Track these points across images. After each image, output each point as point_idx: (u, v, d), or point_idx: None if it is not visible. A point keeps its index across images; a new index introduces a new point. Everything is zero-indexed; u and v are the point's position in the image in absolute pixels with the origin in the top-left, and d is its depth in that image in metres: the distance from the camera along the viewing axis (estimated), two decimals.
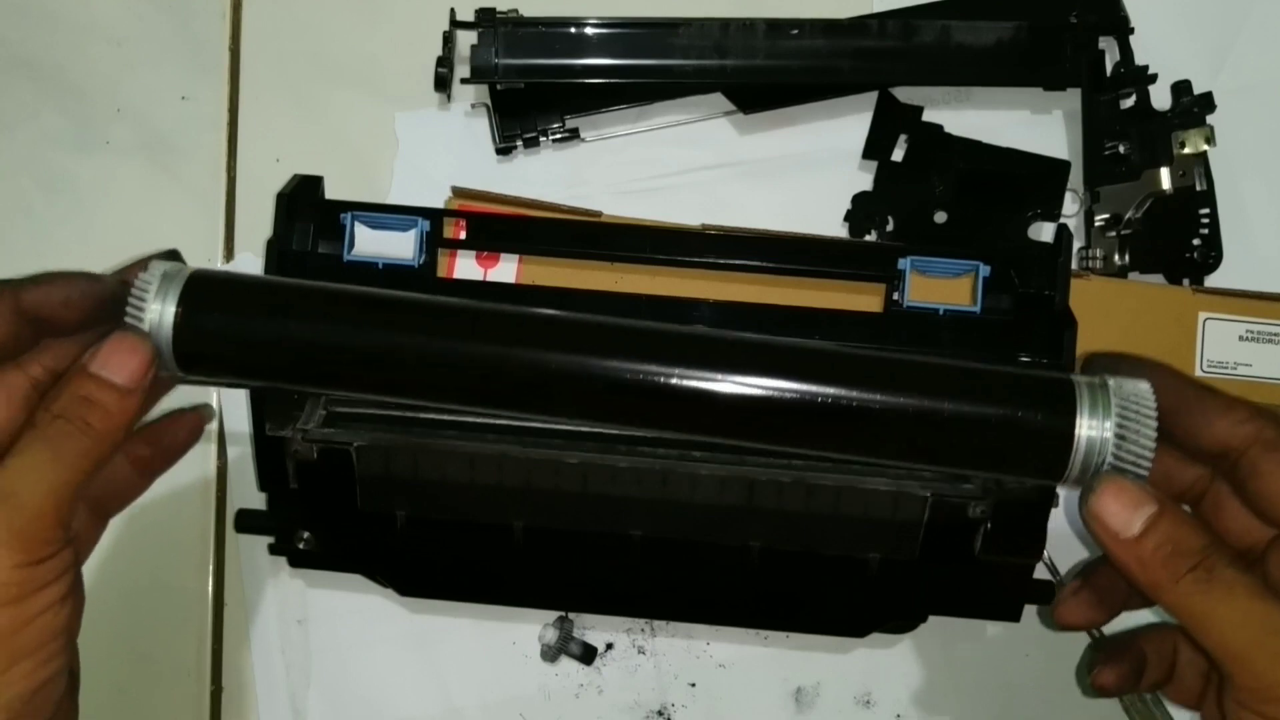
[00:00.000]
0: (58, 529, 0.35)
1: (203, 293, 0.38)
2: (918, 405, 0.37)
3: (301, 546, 0.52)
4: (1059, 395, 0.37)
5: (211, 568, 0.59)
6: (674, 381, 0.37)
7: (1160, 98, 0.56)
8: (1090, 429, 0.36)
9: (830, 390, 0.37)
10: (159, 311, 0.37)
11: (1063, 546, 0.54)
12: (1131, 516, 0.35)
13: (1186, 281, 0.56)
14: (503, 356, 0.38)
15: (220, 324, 0.37)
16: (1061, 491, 0.47)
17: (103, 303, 0.39)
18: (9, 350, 0.38)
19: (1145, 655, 0.43)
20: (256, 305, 0.38)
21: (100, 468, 0.36)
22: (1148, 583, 0.35)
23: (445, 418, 0.50)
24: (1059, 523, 0.48)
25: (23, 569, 0.34)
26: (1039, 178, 0.57)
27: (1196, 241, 0.55)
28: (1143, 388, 0.37)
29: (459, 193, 0.57)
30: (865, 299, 0.53)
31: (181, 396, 0.58)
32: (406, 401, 0.46)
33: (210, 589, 0.59)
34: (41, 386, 0.38)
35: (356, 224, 0.51)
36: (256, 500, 0.55)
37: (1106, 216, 0.56)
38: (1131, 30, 0.57)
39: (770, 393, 0.37)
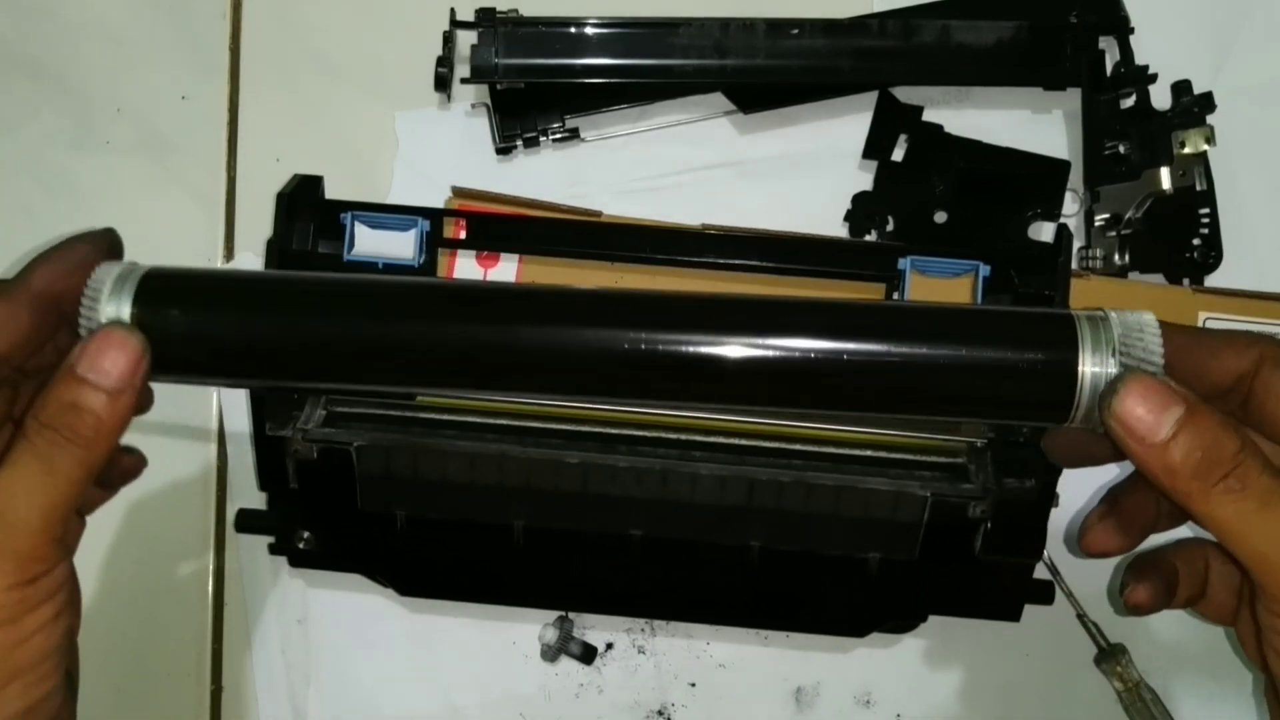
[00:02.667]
0: (51, 546, 0.34)
1: (158, 292, 0.36)
2: (909, 352, 0.35)
3: (301, 546, 0.52)
4: (1058, 330, 0.34)
5: (211, 568, 0.59)
6: (673, 349, 0.35)
7: (1160, 97, 0.56)
8: (1094, 364, 0.34)
9: (820, 344, 0.35)
10: (114, 314, 0.35)
11: (1063, 546, 0.54)
12: (1160, 419, 0.32)
13: (1186, 281, 0.56)
14: (477, 335, 0.36)
15: (179, 323, 0.35)
16: (1062, 492, 0.47)
17: (108, 255, 0.38)
18: (38, 341, 0.37)
19: (1177, 571, 0.40)
20: (214, 301, 0.36)
21: (95, 476, 0.34)
22: (1177, 492, 0.32)
23: (445, 418, 0.50)
24: (1059, 523, 0.48)
25: (16, 589, 0.33)
26: (1039, 177, 0.57)
27: (1196, 241, 0.55)
28: (1146, 317, 0.34)
29: (459, 193, 0.57)
30: (866, 299, 0.53)
31: (180, 397, 0.58)
32: (384, 389, 0.45)
33: (210, 589, 0.59)
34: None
35: (356, 224, 0.51)
36: (256, 500, 0.55)
37: (1106, 216, 0.56)
38: (1132, 30, 0.57)
39: (759, 351, 0.35)
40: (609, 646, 0.57)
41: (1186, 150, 0.55)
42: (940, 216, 0.57)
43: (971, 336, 0.35)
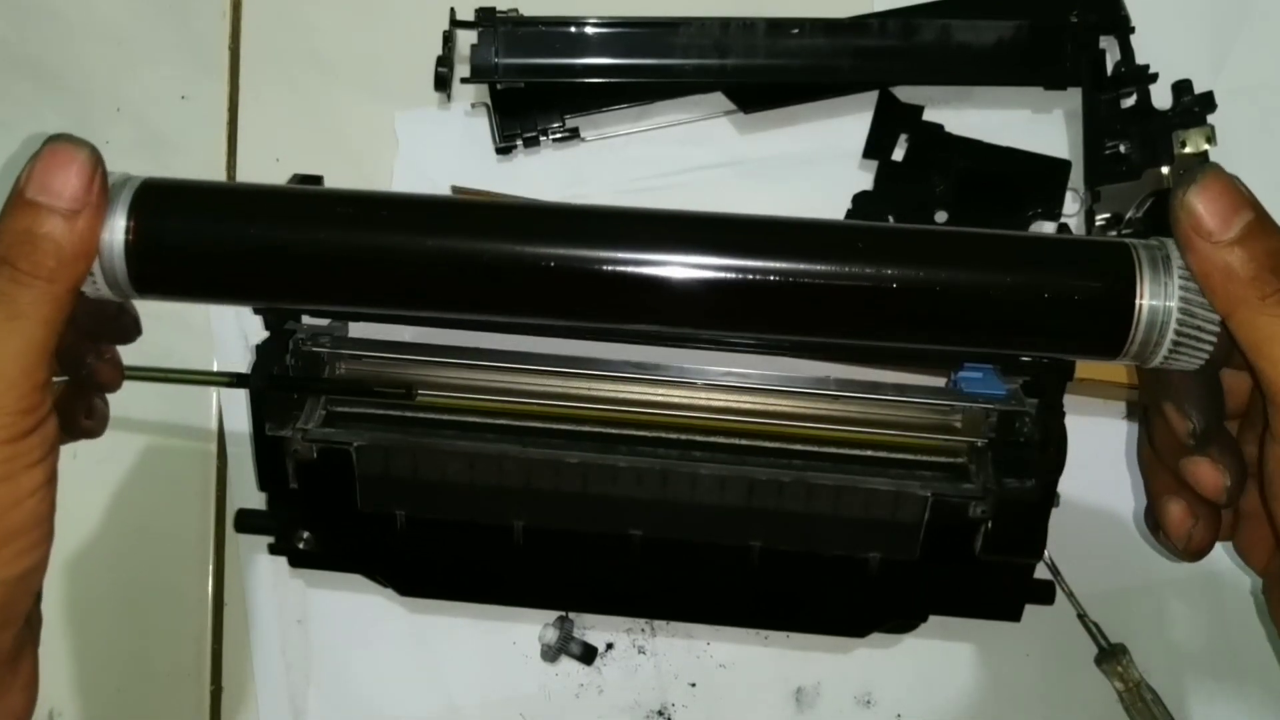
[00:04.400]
0: (34, 394, 0.31)
1: (155, 202, 0.33)
2: (956, 277, 0.34)
3: (301, 546, 0.52)
4: (1116, 259, 0.33)
5: (211, 568, 0.59)
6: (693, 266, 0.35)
7: (1161, 97, 0.56)
8: (1152, 298, 0.33)
9: (867, 269, 0.34)
10: (108, 226, 0.33)
11: (1063, 546, 0.54)
12: (1231, 219, 0.32)
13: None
14: (472, 248, 0.34)
15: (176, 233, 0.33)
16: (1062, 492, 0.47)
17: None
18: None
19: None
20: (213, 210, 0.34)
21: (66, 311, 0.32)
22: (1226, 295, 0.32)
23: (445, 418, 0.50)
24: (1059, 523, 0.48)
25: (6, 445, 0.31)
26: (1039, 177, 0.57)
27: None
28: None
29: (459, 192, 0.57)
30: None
31: (180, 397, 0.58)
32: (370, 311, 0.43)
33: (210, 589, 0.59)
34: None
35: None
36: (256, 500, 0.55)
37: (1107, 216, 0.56)
38: (1132, 29, 0.57)
39: (804, 273, 0.34)
40: (609, 647, 0.57)
41: (1187, 150, 0.55)
42: (941, 216, 0.56)
43: (1022, 264, 0.34)
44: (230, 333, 0.58)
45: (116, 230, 0.32)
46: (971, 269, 0.34)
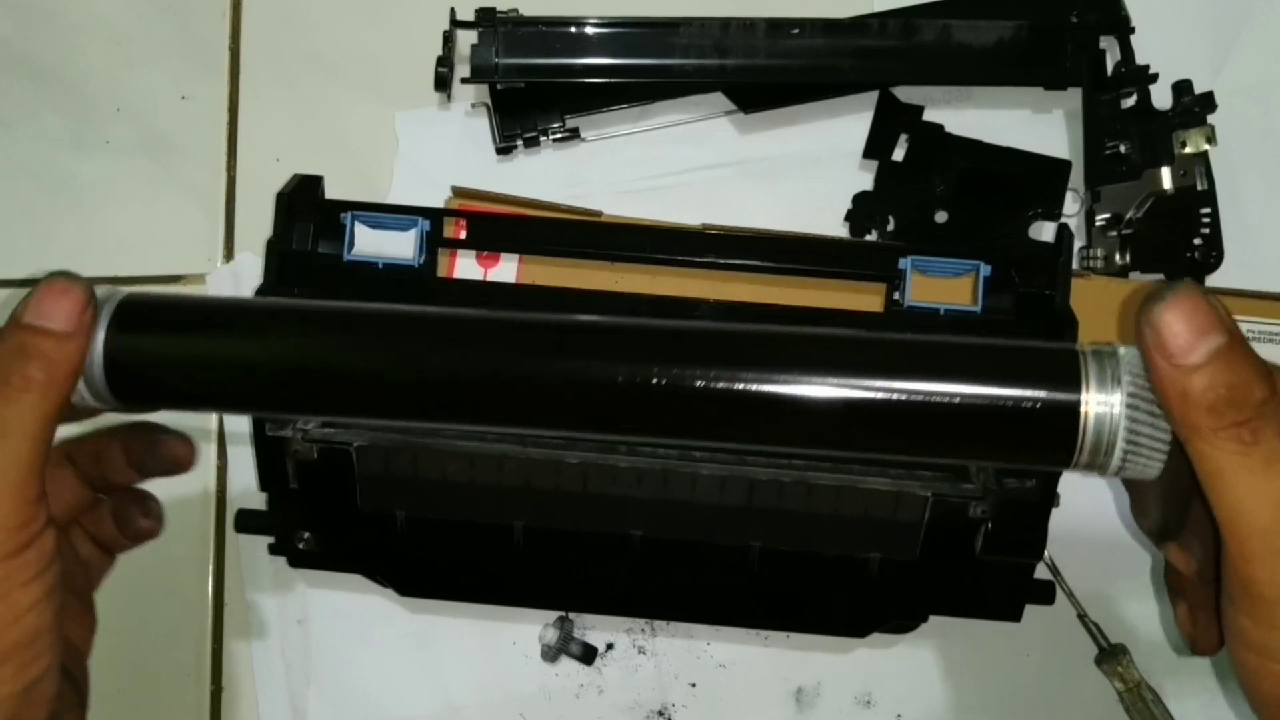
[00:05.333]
0: (25, 510, 0.32)
1: (131, 319, 0.35)
2: (891, 389, 0.32)
3: (301, 546, 0.52)
4: (1062, 368, 0.32)
5: (211, 568, 0.59)
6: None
7: (1161, 97, 0.56)
8: (1099, 407, 0.31)
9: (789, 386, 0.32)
10: (91, 342, 0.34)
11: (1063, 546, 0.54)
12: (1196, 341, 0.30)
13: (1187, 281, 0.55)
14: (457, 365, 0.34)
15: (147, 350, 0.35)
16: (1062, 492, 0.47)
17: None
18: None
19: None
20: (189, 325, 0.35)
21: (53, 429, 0.33)
22: (1184, 423, 0.30)
23: None
24: (1059, 523, 0.48)
25: (1, 563, 0.31)
26: (1040, 177, 0.57)
27: (1197, 241, 0.55)
28: None
29: (459, 192, 0.57)
30: (866, 299, 0.52)
31: None
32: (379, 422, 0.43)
33: (210, 589, 0.58)
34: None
35: (357, 224, 0.51)
36: (256, 500, 0.55)
37: (1107, 216, 0.56)
38: (1132, 30, 0.57)
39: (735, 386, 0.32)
40: (609, 647, 0.57)
41: (1187, 150, 0.55)
42: (941, 216, 0.56)
43: (965, 374, 0.32)
44: None
45: (97, 346, 0.34)
46: (910, 379, 0.32)
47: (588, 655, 0.56)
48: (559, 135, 0.58)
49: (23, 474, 0.32)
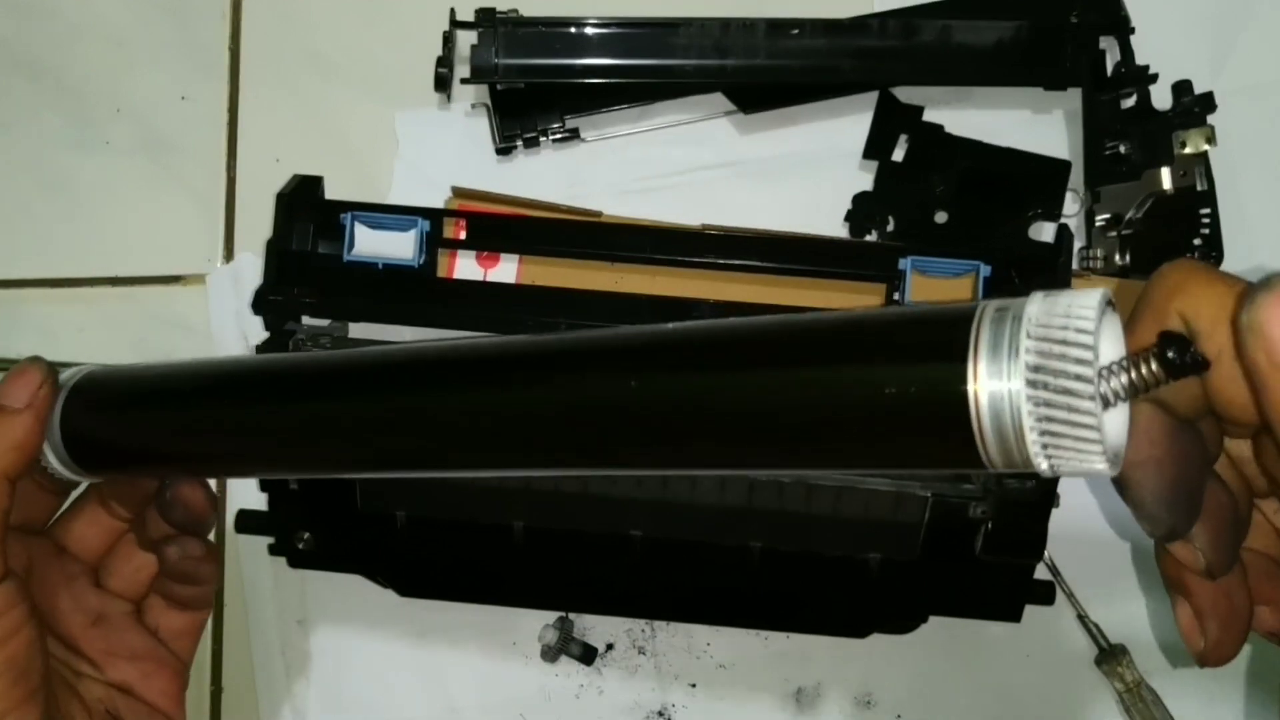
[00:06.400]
0: None
1: (86, 389, 0.37)
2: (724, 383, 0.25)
3: (301, 547, 0.52)
4: (946, 337, 0.23)
5: None
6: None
7: (1161, 97, 0.56)
8: (991, 382, 0.22)
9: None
10: (52, 418, 0.37)
11: (1064, 547, 0.54)
12: None
13: None
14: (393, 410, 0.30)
15: (98, 418, 0.36)
16: (1062, 492, 0.47)
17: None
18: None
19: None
20: (131, 395, 0.36)
21: (7, 490, 0.35)
22: None
23: None
24: (1059, 523, 0.48)
25: None
26: (1039, 178, 0.57)
27: (1197, 241, 0.55)
28: (1078, 304, 0.22)
29: (459, 193, 0.57)
30: (866, 299, 0.52)
31: None
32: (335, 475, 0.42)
33: None
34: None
35: (356, 224, 0.51)
36: (257, 500, 0.55)
37: (1107, 216, 0.56)
38: (1132, 30, 0.57)
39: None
40: (609, 647, 0.57)
41: (1187, 150, 0.55)
42: (941, 216, 0.56)
43: (817, 357, 0.24)
44: (230, 334, 0.58)
45: (55, 420, 0.36)
46: (751, 369, 0.25)
47: (587, 655, 0.56)
48: (559, 135, 0.58)
49: None
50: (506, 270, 0.56)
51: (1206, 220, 0.55)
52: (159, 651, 0.40)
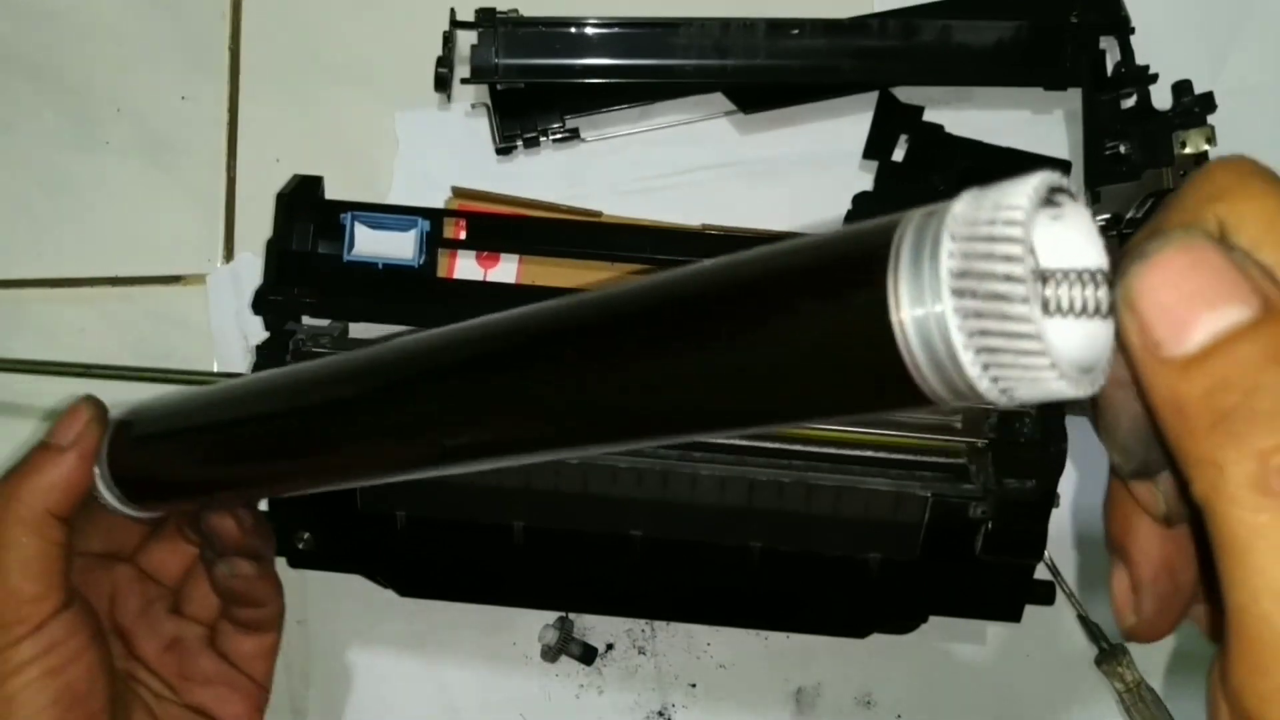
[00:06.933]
0: (28, 606, 0.36)
1: (125, 426, 0.38)
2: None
3: (301, 547, 0.52)
4: (865, 256, 0.20)
5: None
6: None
7: (1161, 97, 0.56)
8: (914, 305, 0.19)
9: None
10: (100, 457, 0.38)
11: (1064, 547, 0.54)
12: (1193, 318, 0.18)
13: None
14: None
15: (131, 455, 0.37)
16: (1063, 492, 0.47)
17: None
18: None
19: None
20: (156, 429, 0.37)
21: (56, 523, 0.36)
22: (1180, 452, 0.19)
23: None
24: (1059, 523, 0.48)
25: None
26: None
27: None
28: (1014, 189, 0.20)
29: (459, 193, 0.57)
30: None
31: None
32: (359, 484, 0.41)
33: None
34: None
35: (356, 224, 0.51)
36: None
37: (1107, 216, 0.56)
38: (1132, 30, 0.57)
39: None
40: (609, 647, 0.57)
41: (1187, 150, 0.55)
42: None
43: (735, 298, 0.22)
44: (230, 334, 0.58)
45: (103, 460, 0.37)
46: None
47: (587, 656, 0.56)
48: (559, 135, 0.58)
49: (24, 574, 0.36)
50: (506, 270, 0.56)
51: None
52: (232, 675, 0.42)
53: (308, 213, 0.51)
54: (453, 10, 0.56)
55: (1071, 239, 0.20)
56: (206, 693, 0.41)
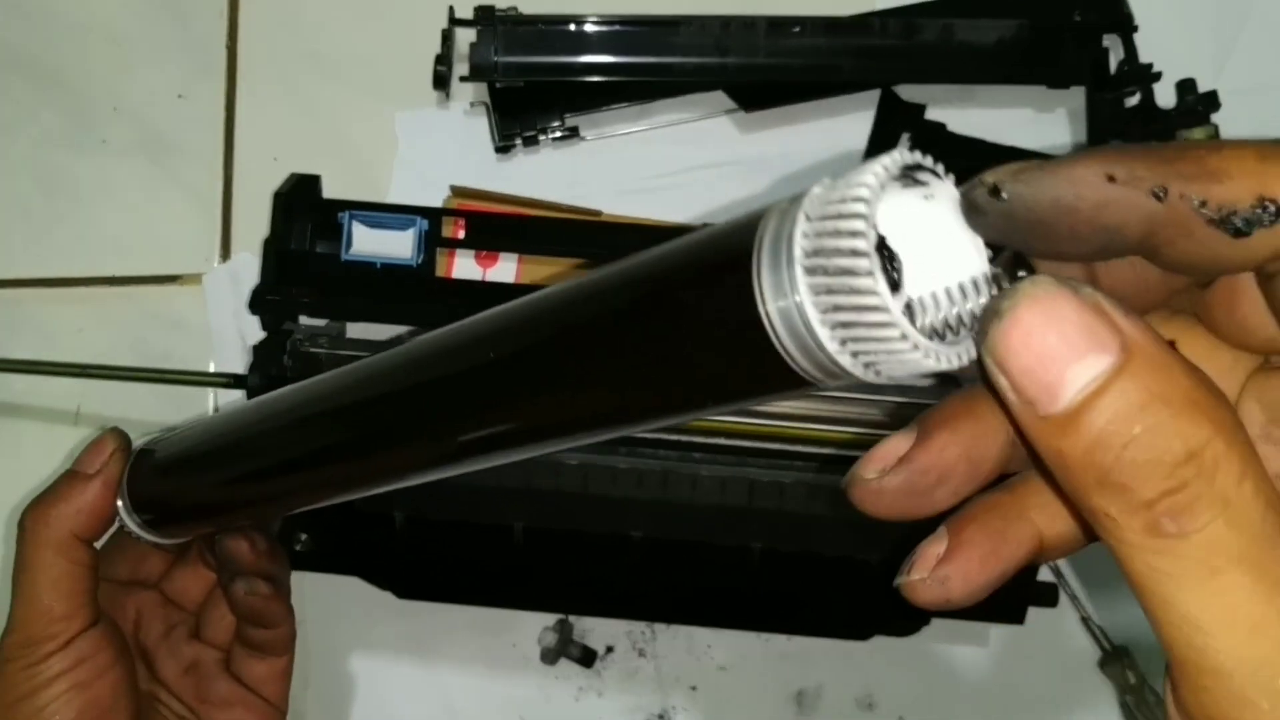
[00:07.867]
0: (57, 624, 0.38)
1: (143, 455, 0.39)
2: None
3: (299, 548, 0.52)
4: (732, 257, 0.20)
5: None
6: None
7: (1165, 96, 0.56)
8: (777, 296, 0.19)
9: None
10: (122, 488, 0.40)
11: None
12: (1061, 374, 0.18)
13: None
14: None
15: (145, 483, 0.39)
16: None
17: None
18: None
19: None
20: (167, 458, 0.39)
21: (79, 546, 0.38)
22: (1076, 501, 0.19)
23: None
24: None
25: (25, 669, 0.37)
26: None
27: None
28: (866, 168, 0.20)
29: (458, 192, 0.56)
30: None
31: (178, 397, 0.58)
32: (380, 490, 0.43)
33: None
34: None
35: (355, 223, 0.51)
36: None
37: None
38: (1135, 28, 0.56)
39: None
40: (609, 649, 0.57)
41: None
42: None
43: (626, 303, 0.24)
44: (228, 333, 0.58)
45: (124, 490, 0.39)
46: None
47: (587, 658, 0.56)
48: (558, 134, 0.58)
49: (52, 594, 0.38)
50: (505, 270, 0.56)
51: None
52: (247, 698, 0.43)
53: (305, 212, 0.51)
54: (451, 8, 0.56)
55: (943, 218, 0.21)
56: (224, 715, 0.43)
